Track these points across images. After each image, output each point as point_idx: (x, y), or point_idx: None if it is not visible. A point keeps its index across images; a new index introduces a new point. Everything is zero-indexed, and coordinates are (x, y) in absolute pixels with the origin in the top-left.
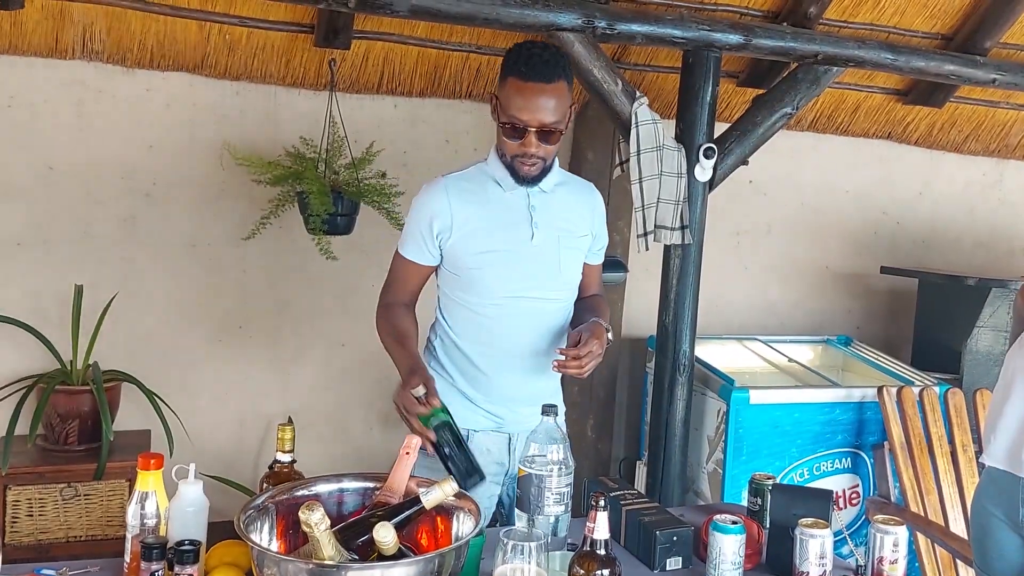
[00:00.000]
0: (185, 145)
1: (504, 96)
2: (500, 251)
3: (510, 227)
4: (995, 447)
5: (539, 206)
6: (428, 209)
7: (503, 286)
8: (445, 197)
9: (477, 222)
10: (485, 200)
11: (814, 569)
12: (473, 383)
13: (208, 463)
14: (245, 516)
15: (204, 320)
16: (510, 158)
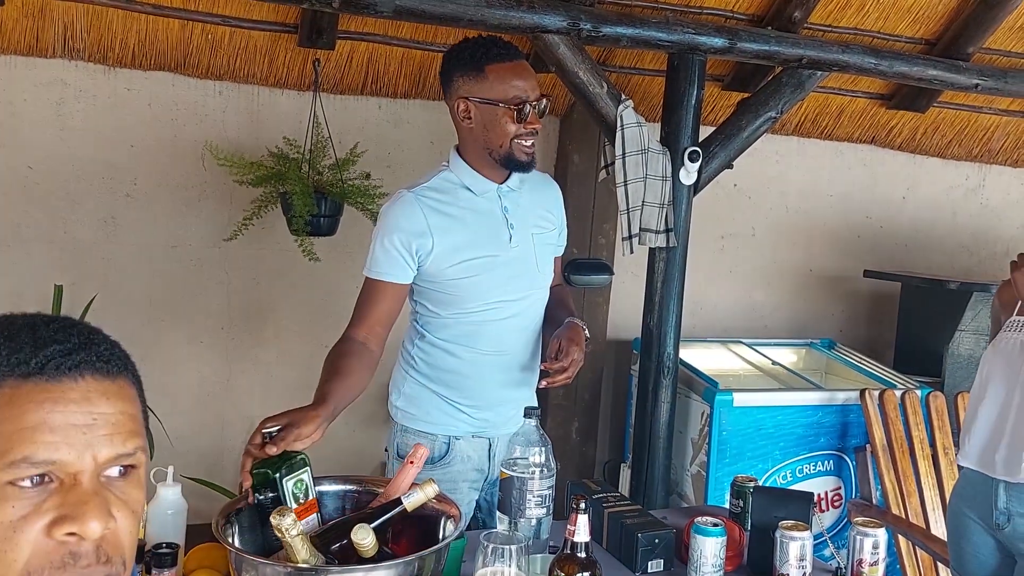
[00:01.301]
0: (167, 145)
1: (488, 86)
2: (481, 259)
3: (488, 233)
4: (969, 448)
5: (511, 207)
6: (403, 227)
7: (486, 293)
8: (420, 212)
9: (455, 233)
10: (459, 209)
11: (794, 571)
12: (458, 389)
13: (189, 465)
14: (223, 519)
15: (186, 321)
16: (509, 145)
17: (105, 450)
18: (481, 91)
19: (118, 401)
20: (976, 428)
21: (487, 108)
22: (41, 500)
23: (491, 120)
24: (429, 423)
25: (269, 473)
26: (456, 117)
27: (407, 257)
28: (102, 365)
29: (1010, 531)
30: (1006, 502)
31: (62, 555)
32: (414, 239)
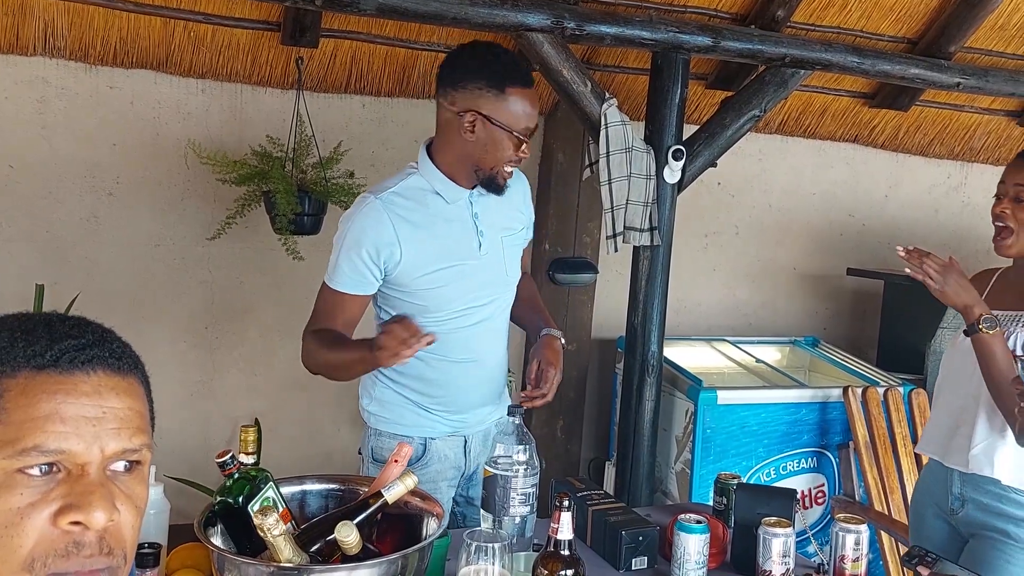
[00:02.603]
0: (149, 143)
1: (504, 109)
2: (451, 267)
3: (457, 240)
4: (927, 437)
5: (481, 212)
6: (369, 236)
7: (456, 300)
8: (387, 220)
9: (424, 243)
10: (428, 216)
11: (777, 568)
12: (429, 393)
13: (173, 465)
14: (205, 519)
15: (169, 321)
16: (499, 168)
17: (113, 443)
18: (496, 112)
19: (127, 397)
20: (934, 418)
21: (496, 130)
22: (49, 489)
23: (495, 142)
24: (403, 426)
25: (231, 502)
26: (454, 124)
27: (373, 270)
28: (114, 361)
29: (963, 516)
30: (960, 488)
31: (66, 544)
32: (382, 250)
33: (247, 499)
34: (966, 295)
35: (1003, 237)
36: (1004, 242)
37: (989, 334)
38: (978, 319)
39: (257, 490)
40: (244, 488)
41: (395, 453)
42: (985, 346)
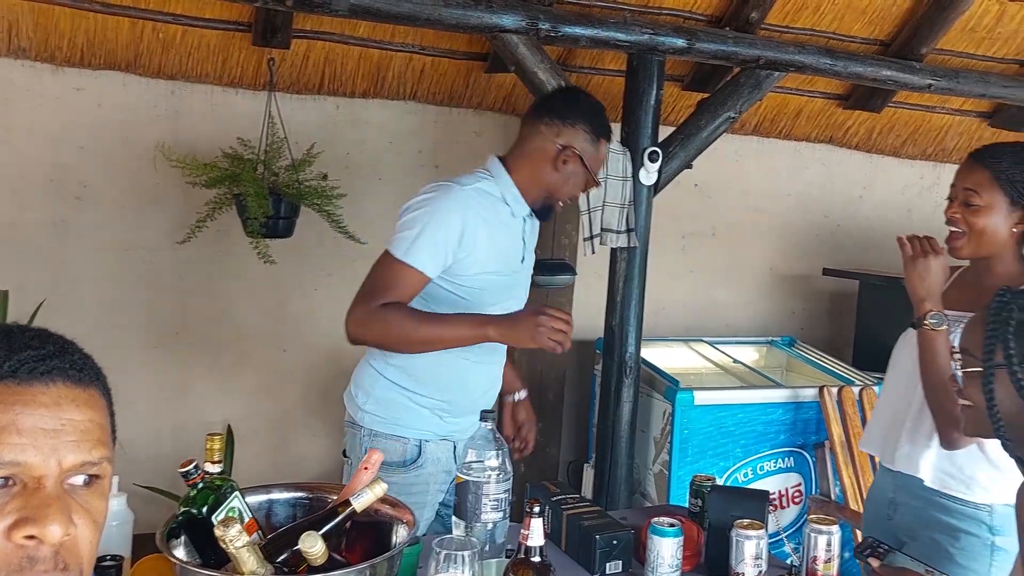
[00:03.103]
0: (118, 146)
1: (593, 155)
2: (499, 272)
3: (509, 250)
4: (869, 434)
5: (527, 231)
6: (456, 221)
7: (493, 303)
8: (472, 211)
9: (487, 242)
10: (495, 220)
11: (750, 570)
12: (437, 394)
13: (144, 473)
14: (168, 530)
15: (139, 326)
16: (556, 197)
17: (71, 456)
18: (587, 155)
19: (88, 409)
20: (875, 415)
21: (583, 170)
22: (3, 502)
23: (575, 180)
24: (401, 427)
25: (194, 513)
26: (549, 152)
27: (449, 253)
28: (74, 373)
29: (897, 521)
30: (893, 492)
31: (20, 558)
32: (464, 237)
33: (211, 509)
34: (922, 288)
35: (954, 239)
36: (955, 244)
37: (933, 331)
38: (925, 314)
39: (222, 500)
40: (208, 498)
41: (365, 460)
42: (927, 342)
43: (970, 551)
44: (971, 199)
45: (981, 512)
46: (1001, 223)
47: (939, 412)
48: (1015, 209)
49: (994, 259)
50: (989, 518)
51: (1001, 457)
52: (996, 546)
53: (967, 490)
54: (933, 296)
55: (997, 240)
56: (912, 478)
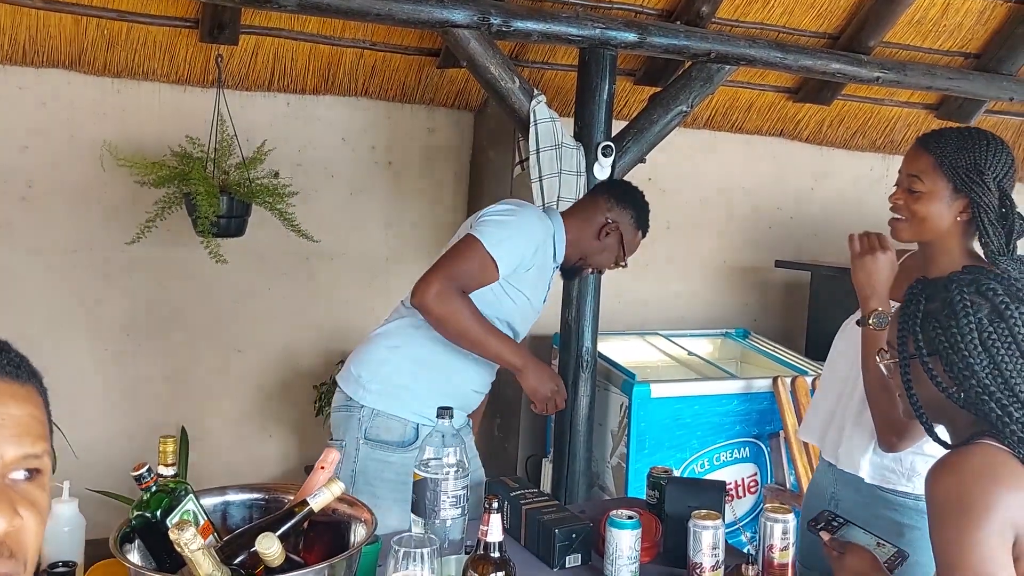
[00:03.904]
0: (63, 146)
1: (629, 239)
2: (529, 299)
3: (542, 283)
4: (808, 423)
5: (552, 279)
6: (539, 238)
7: (511, 322)
8: (543, 236)
9: (535, 271)
10: (545, 256)
11: (707, 560)
12: (439, 384)
13: (96, 478)
14: (121, 535)
15: (89, 328)
16: (587, 262)
17: (12, 449)
18: (627, 235)
19: (26, 404)
20: (815, 403)
21: (618, 248)
22: None
23: (608, 252)
24: (402, 408)
25: (148, 516)
26: (598, 223)
27: (522, 262)
28: (12, 369)
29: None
30: (833, 487)
31: None
32: (537, 254)
33: (165, 513)
34: (868, 286)
35: (896, 223)
36: (897, 225)
37: (876, 330)
38: (870, 313)
39: (176, 503)
40: (162, 501)
41: (322, 459)
42: (870, 341)
43: (916, 545)
44: (914, 185)
45: (922, 503)
46: (944, 210)
47: (879, 415)
48: (958, 197)
49: (939, 250)
50: None
51: (939, 451)
52: None
53: (908, 482)
54: (879, 294)
55: (939, 227)
56: (852, 474)
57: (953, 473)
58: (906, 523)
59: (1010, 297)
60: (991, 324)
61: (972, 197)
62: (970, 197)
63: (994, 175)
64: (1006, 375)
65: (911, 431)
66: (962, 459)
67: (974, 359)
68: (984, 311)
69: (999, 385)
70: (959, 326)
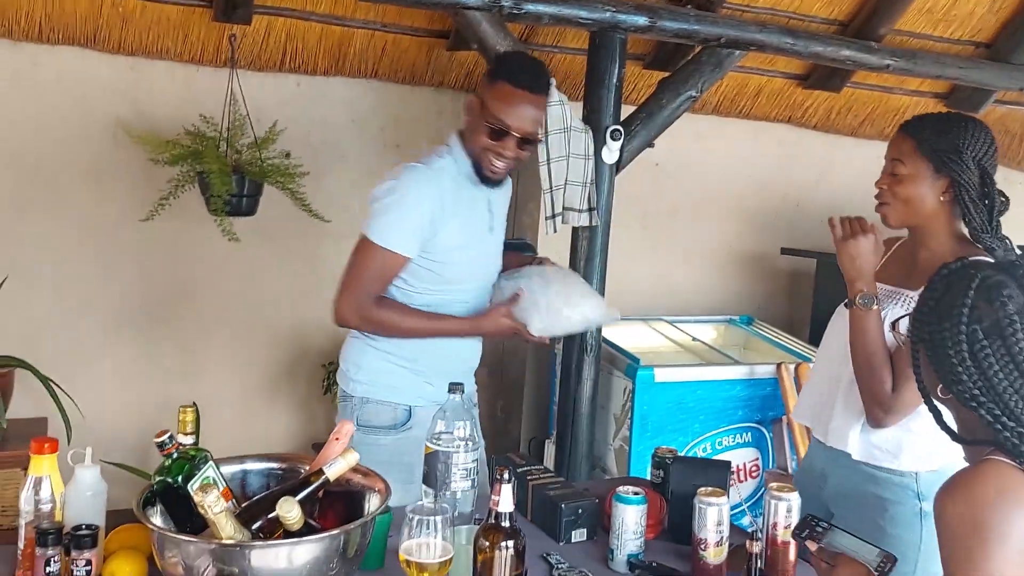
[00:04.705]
0: (77, 123)
1: (490, 98)
2: (466, 246)
3: (476, 222)
4: (802, 404)
5: (494, 201)
6: (425, 201)
7: (468, 275)
8: (439, 189)
9: (456, 217)
10: (460, 195)
11: (712, 535)
12: (424, 363)
13: (110, 451)
14: (144, 499)
15: (102, 304)
16: (479, 154)
17: None
18: (486, 98)
19: None
20: (808, 386)
21: (482, 115)
22: None
23: (476, 126)
24: (391, 392)
25: (170, 482)
26: (466, 106)
27: (424, 233)
28: None
29: (828, 492)
30: (823, 464)
31: None
32: (435, 216)
33: (186, 479)
34: (853, 269)
35: (881, 208)
36: (883, 211)
37: (862, 311)
38: (856, 294)
39: (196, 469)
40: (183, 468)
41: (336, 431)
42: (858, 322)
43: (900, 520)
44: (897, 169)
45: (907, 479)
46: (926, 192)
47: (866, 391)
48: (939, 178)
49: (927, 234)
50: (916, 485)
51: (924, 428)
52: (924, 512)
53: (894, 459)
54: (864, 276)
55: (924, 209)
56: (842, 451)
57: (965, 499)
58: (890, 499)
59: (1019, 313)
60: (986, 338)
61: (952, 176)
62: (950, 176)
63: (973, 154)
64: (998, 389)
65: (898, 407)
66: (973, 482)
67: (962, 369)
68: (985, 323)
69: (989, 395)
70: (950, 329)
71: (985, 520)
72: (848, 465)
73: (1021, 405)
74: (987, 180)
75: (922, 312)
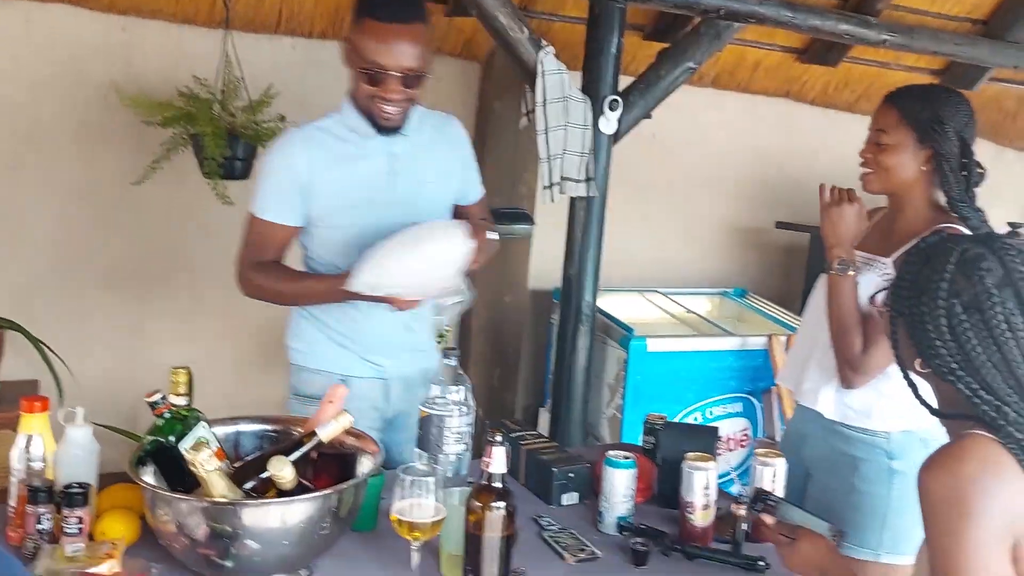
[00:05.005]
0: (70, 83)
1: (359, 40)
2: (362, 206)
3: (370, 180)
4: (786, 368)
5: (400, 154)
6: (288, 164)
7: (364, 246)
8: (305, 151)
9: (340, 177)
10: (344, 152)
11: (699, 499)
12: (350, 336)
13: (102, 413)
14: (136, 458)
15: (95, 267)
16: (367, 104)
17: None
18: (355, 41)
19: None
20: (792, 351)
21: (354, 62)
22: None
23: (354, 75)
24: (323, 361)
25: (163, 442)
26: (343, 56)
27: (294, 198)
28: None
29: (806, 453)
30: (802, 425)
31: None
32: (301, 179)
33: (179, 438)
34: (834, 235)
35: (865, 176)
36: (867, 178)
37: (838, 276)
38: (834, 260)
39: (189, 429)
40: (176, 427)
41: (329, 394)
42: (834, 286)
43: (871, 477)
44: (881, 138)
45: (879, 439)
46: (909, 160)
47: (839, 352)
48: (922, 148)
49: (905, 201)
50: (887, 444)
51: (895, 391)
52: (894, 470)
53: (866, 419)
54: (843, 243)
55: (906, 177)
56: (819, 414)
57: (949, 473)
58: (862, 457)
59: (998, 287)
60: (965, 312)
61: (935, 147)
62: (933, 147)
63: (955, 126)
64: (976, 363)
65: (867, 367)
66: (957, 457)
67: (941, 343)
68: (964, 297)
69: (968, 369)
70: (928, 303)
71: (968, 494)
72: (824, 426)
73: (999, 380)
74: (967, 151)
75: (901, 287)
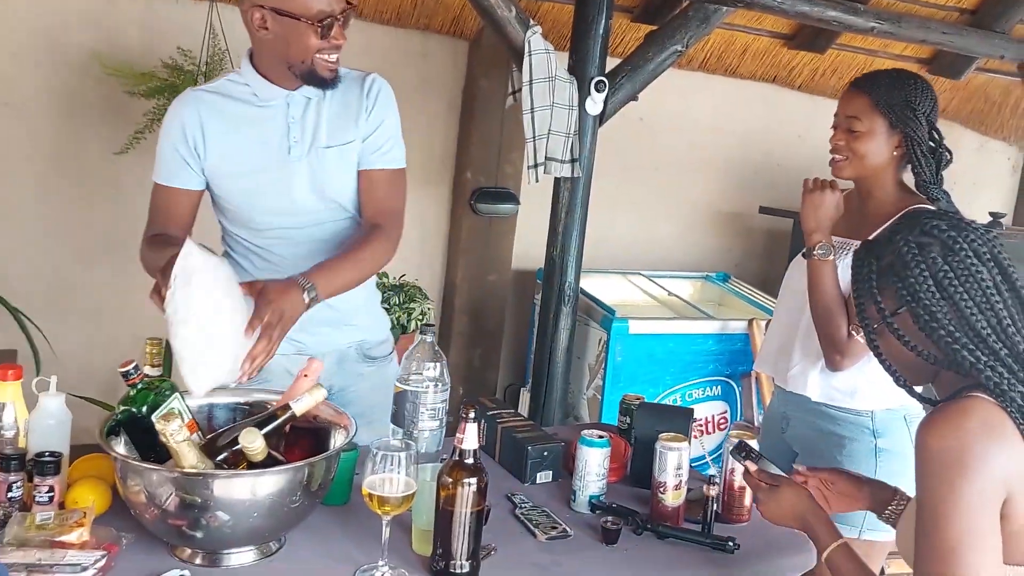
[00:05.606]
0: (52, 53)
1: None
2: (260, 172)
3: (266, 144)
4: (762, 354)
5: (300, 116)
6: (179, 125)
7: (271, 212)
8: (195, 112)
9: (232, 140)
10: (238, 115)
11: (671, 479)
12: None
13: (80, 385)
14: (107, 428)
15: (75, 238)
16: (311, 61)
17: None
18: (282, 5)
19: None
20: (768, 336)
21: (287, 21)
22: None
23: (291, 34)
24: None
25: (134, 412)
26: (250, 26)
27: (189, 160)
28: None
29: (790, 434)
30: (783, 407)
31: None
32: (190, 140)
33: (151, 409)
34: (813, 220)
35: (836, 162)
36: (839, 164)
37: (820, 260)
38: (814, 245)
39: (162, 400)
40: (148, 398)
41: (305, 368)
42: (815, 271)
43: (856, 456)
44: (854, 125)
45: (863, 418)
46: (882, 146)
47: (824, 336)
48: (894, 133)
49: (875, 184)
50: (871, 423)
51: (878, 371)
52: (879, 448)
53: (851, 399)
54: (823, 228)
55: (878, 162)
56: (802, 395)
57: (951, 429)
58: (847, 436)
59: (955, 230)
60: (944, 261)
61: (907, 132)
62: (904, 132)
63: (924, 110)
64: (970, 320)
65: (854, 350)
66: (960, 414)
67: (936, 307)
68: (935, 250)
69: (965, 331)
70: (915, 273)
71: (969, 450)
72: (808, 407)
73: (993, 336)
74: (935, 135)
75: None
